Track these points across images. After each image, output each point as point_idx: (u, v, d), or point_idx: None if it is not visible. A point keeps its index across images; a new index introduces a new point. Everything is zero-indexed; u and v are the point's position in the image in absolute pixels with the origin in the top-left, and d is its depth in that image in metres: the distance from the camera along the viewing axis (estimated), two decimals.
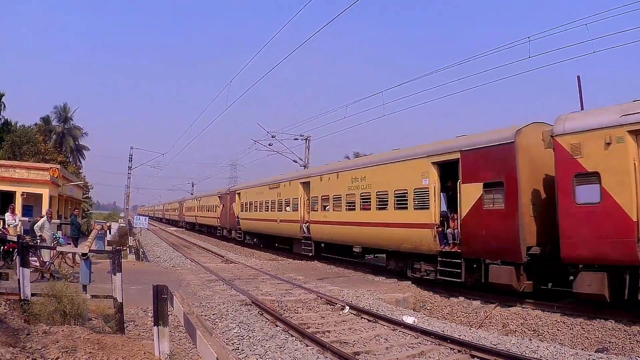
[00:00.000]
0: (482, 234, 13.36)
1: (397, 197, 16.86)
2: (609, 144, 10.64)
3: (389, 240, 17.23)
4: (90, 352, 5.66)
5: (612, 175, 10.58)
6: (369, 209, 18.58)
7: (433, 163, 15.33)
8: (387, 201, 17.36)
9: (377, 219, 17.90)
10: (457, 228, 14.30)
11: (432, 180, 15.29)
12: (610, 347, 9.73)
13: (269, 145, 35.29)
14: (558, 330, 10.91)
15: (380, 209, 17.85)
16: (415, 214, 15.84)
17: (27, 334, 5.98)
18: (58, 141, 58.97)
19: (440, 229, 14.96)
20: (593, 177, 10.90)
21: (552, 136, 11.85)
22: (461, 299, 13.91)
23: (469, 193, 13.82)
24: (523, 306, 12.50)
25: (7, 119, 46.83)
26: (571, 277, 11.47)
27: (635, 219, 10.20)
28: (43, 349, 5.50)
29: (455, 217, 14.54)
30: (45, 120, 60.34)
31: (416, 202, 15.89)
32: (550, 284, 13.66)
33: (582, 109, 13.06)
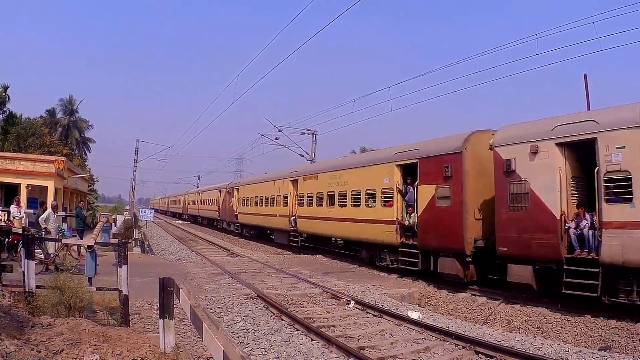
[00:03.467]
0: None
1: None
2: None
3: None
4: (95, 345, 5.66)
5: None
6: None
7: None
8: None
9: None
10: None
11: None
12: (614, 345, 9.70)
13: (276, 139, 35.22)
14: (562, 328, 10.87)
15: None
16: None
17: (32, 327, 5.97)
18: (63, 134, 59.04)
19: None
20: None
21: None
22: (466, 295, 13.87)
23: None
24: (527, 304, 12.45)
25: (12, 111, 46.88)
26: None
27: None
28: (48, 341, 5.49)
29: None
30: (51, 112, 60.39)
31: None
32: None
33: (588, 107, 12.96)
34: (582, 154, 11.89)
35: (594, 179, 11.07)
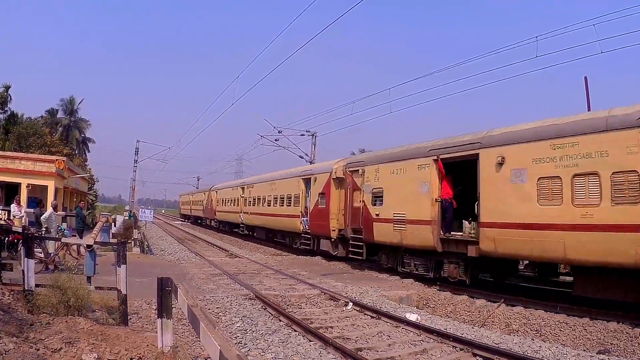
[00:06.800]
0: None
1: None
2: None
3: None
4: (93, 344, 5.68)
5: None
6: None
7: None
8: None
9: None
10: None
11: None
12: (612, 348, 9.69)
13: (275, 140, 35.23)
14: (560, 330, 10.87)
15: None
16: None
17: (31, 325, 5.99)
18: (64, 133, 59.16)
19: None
20: None
21: None
22: (465, 297, 13.88)
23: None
24: (526, 306, 12.47)
25: (13, 110, 47.04)
26: None
27: None
28: (46, 340, 5.51)
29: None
30: (51, 112, 60.59)
31: None
32: None
33: (589, 110, 13.00)
34: None
35: None
